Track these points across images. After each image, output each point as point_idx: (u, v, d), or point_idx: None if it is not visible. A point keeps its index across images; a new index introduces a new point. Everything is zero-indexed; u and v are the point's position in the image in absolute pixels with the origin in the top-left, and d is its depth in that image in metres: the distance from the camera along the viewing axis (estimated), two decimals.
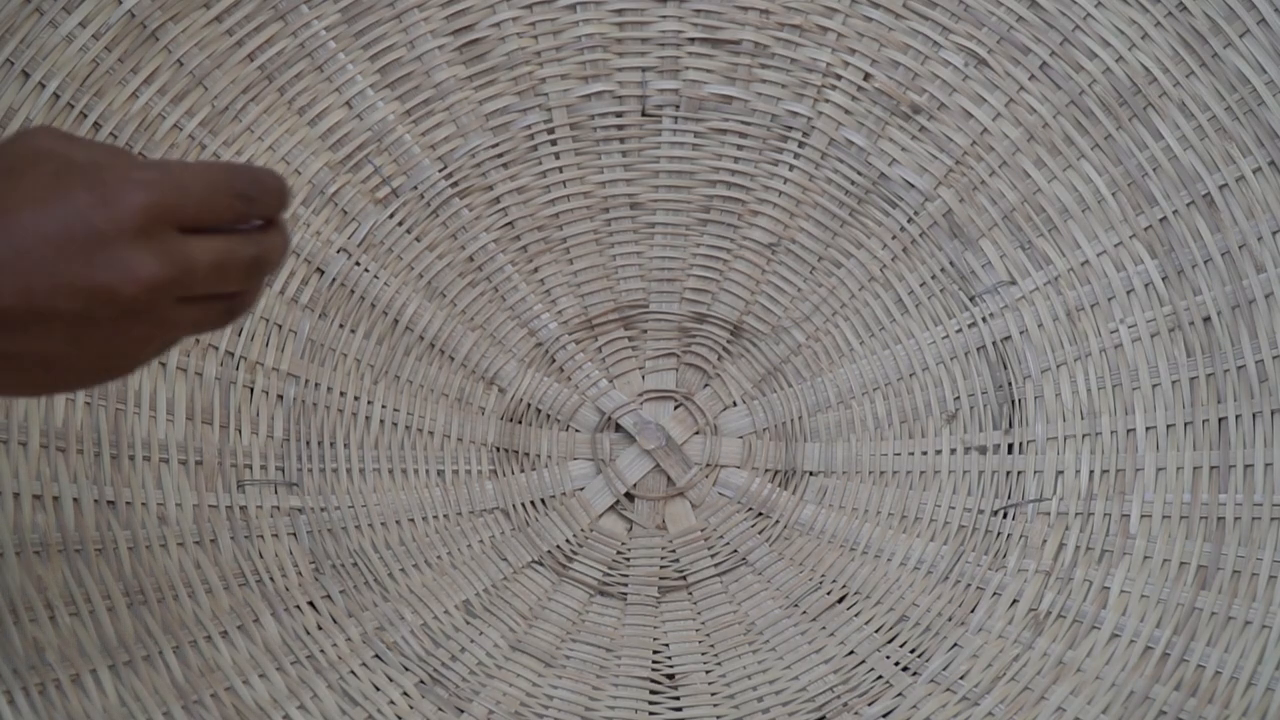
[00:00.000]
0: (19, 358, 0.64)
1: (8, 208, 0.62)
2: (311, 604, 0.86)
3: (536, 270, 0.96)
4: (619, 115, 0.95)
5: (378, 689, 0.85)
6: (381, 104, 0.93)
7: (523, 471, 0.93)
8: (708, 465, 0.94)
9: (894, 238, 0.93)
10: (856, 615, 0.89)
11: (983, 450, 0.90)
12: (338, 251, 0.92)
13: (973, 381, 0.91)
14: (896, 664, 0.87)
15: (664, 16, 0.94)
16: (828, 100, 0.93)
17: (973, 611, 0.87)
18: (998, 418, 0.90)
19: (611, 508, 0.94)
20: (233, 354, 0.89)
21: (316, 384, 0.91)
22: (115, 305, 0.63)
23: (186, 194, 0.65)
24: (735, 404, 0.95)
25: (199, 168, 0.67)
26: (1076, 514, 0.88)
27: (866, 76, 0.93)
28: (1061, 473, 0.88)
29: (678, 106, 0.95)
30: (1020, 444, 0.90)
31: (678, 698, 0.89)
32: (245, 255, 0.66)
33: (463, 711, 0.86)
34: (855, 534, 0.91)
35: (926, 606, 0.88)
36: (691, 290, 0.96)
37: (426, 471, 0.92)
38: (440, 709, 0.86)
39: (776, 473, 0.94)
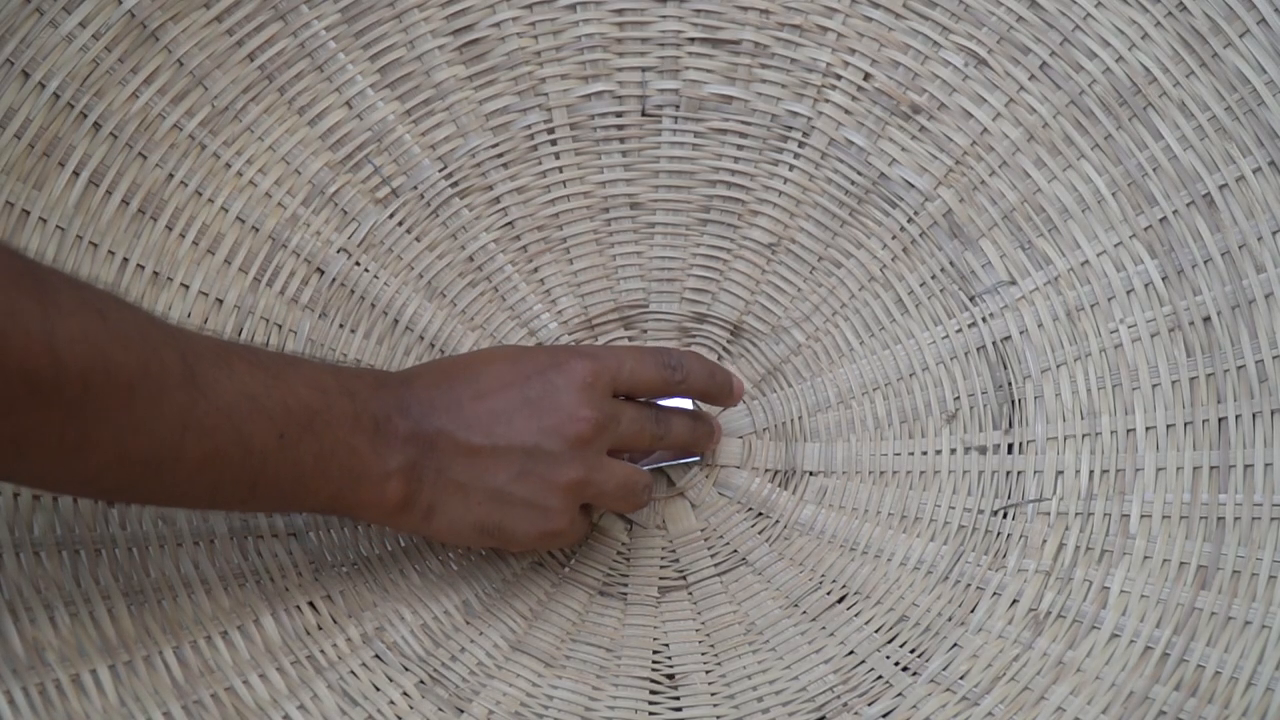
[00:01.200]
0: (468, 488, 0.80)
1: (477, 375, 0.81)
2: (311, 604, 0.86)
3: (536, 270, 0.96)
4: (619, 115, 0.95)
5: (378, 689, 0.85)
6: (381, 104, 0.93)
7: None
8: (708, 465, 0.94)
9: (894, 238, 0.93)
10: (856, 615, 0.89)
11: (983, 450, 0.90)
12: (338, 251, 0.92)
13: (973, 381, 0.91)
14: (896, 664, 0.87)
15: (664, 16, 0.94)
16: (828, 100, 0.93)
17: (973, 611, 0.87)
18: (998, 418, 0.90)
19: None
20: None
21: None
22: (558, 440, 0.81)
23: (621, 363, 0.84)
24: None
25: (632, 347, 0.90)
26: (1076, 514, 0.88)
27: (866, 76, 0.93)
28: (1061, 473, 0.88)
29: (678, 106, 0.95)
30: (1020, 444, 0.90)
31: (678, 698, 0.89)
32: (680, 418, 0.87)
33: (463, 711, 0.86)
34: (855, 534, 0.91)
35: (926, 606, 0.88)
36: (691, 290, 0.96)
37: None
38: (440, 709, 0.86)
39: (776, 473, 0.94)
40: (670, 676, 0.89)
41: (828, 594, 0.90)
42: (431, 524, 0.81)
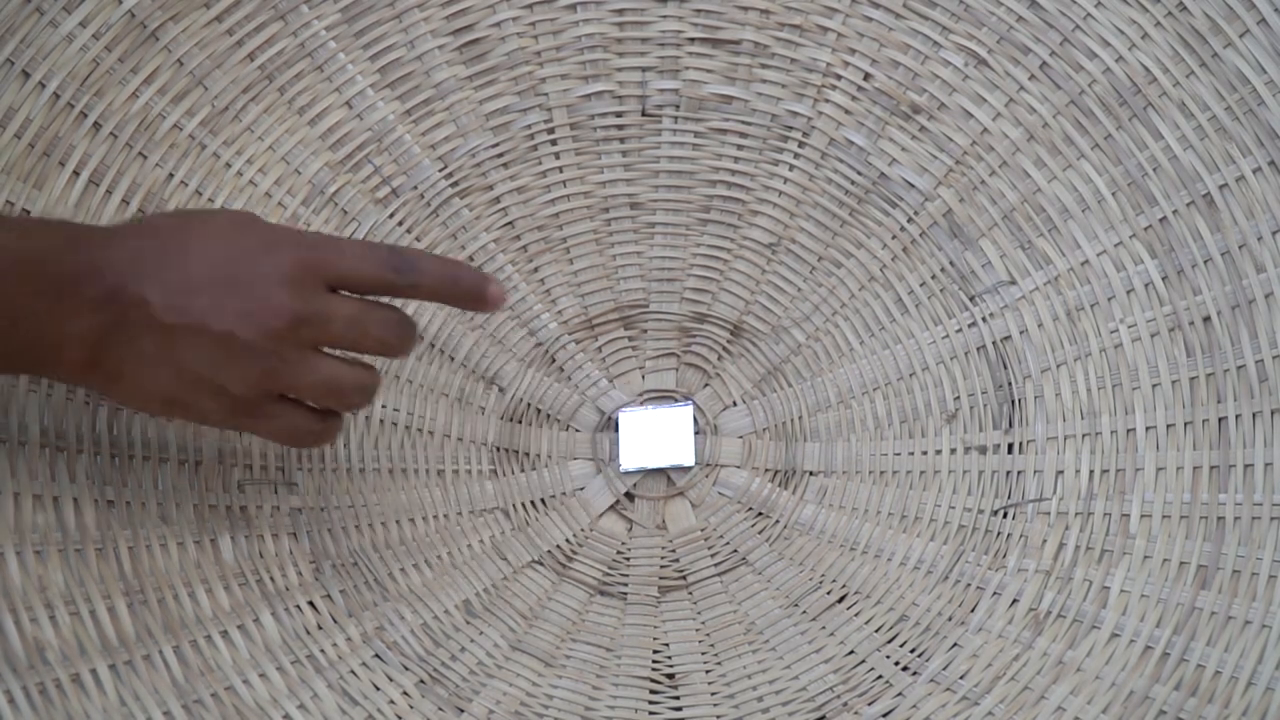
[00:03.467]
0: (155, 362, 0.77)
1: (187, 244, 0.77)
2: (311, 604, 0.86)
3: (536, 270, 0.96)
4: (619, 115, 0.95)
5: (378, 689, 0.85)
6: (381, 104, 0.93)
7: (523, 471, 0.93)
8: (708, 465, 0.94)
9: (894, 238, 0.93)
10: (856, 615, 0.89)
11: (983, 450, 0.90)
12: None
13: (973, 381, 0.91)
14: (896, 664, 0.87)
15: (664, 16, 0.94)
16: (828, 100, 0.93)
17: (973, 611, 0.87)
18: (998, 418, 0.91)
19: (611, 507, 0.94)
20: None
21: None
22: (253, 328, 0.76)
23: (341, 254, 0.78)
24: (735, 404, 0.95)
25: (364, 241, 0.82)
26: (1076, 514, 0.88)
27: (866, 76, 0.93)
28: (1061, 472, 0.88)
29: (678, 106, 0.95)
30: (1020, 444, 0.90)
31: (678, 698, 0.89)
32: (381, 319, 0.79)
33: (463, 711, 0.86)
34: (855, 534, 0.91)
35: (926, 606, 0.88)
36: (691, 290, 0.96)
37: (426, 471, 0.92)
38: (440, 709, 0.86)
39: (776, 472, 0.94)
40: (670, 676, 0.89)
41: (828, 594, 0.90)
42: (117, 387, 0.78)
